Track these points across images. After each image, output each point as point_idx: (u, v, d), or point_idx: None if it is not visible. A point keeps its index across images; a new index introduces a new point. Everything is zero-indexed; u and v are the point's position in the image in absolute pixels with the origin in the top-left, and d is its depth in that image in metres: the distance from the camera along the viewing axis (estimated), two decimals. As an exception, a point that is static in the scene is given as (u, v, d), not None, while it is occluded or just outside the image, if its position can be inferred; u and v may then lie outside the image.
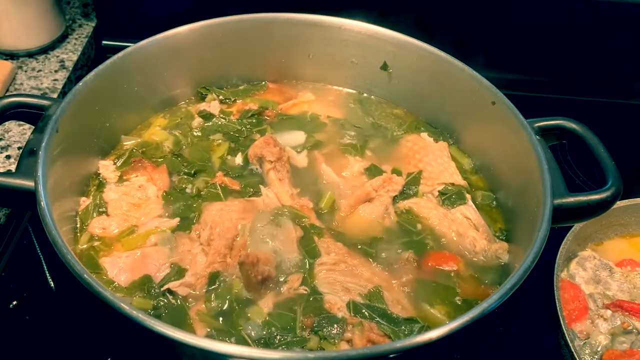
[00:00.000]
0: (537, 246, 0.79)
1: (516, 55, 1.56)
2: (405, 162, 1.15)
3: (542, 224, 0.83)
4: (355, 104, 1.27)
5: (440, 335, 0.69)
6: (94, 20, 1.72)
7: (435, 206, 1.06)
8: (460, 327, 0.70)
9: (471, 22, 1.50)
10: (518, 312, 1.24)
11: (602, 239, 1.37)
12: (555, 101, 1.61)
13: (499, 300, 0.73)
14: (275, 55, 1.25)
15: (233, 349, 0.72)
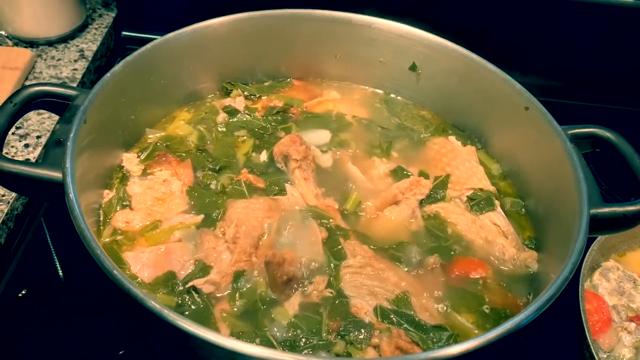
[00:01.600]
0: (575, 257, 0.78)
1: (550, 61, 1.54)
2: (432, 165, 1.13)
3: (580, 234, 0.81)
4: (382, 104, 1.26)
5: (477, 346, 0.68)
6: (115, 10, 1.71)
7: (463, 211, 1.05)
8: (496, 338, 0.69)
9: (506, 27, 1.48)
10: (540, 323, 1.23)
11: (625, 250, 1.35)
12: (587, 109, 1.60)
13: (536, 311, 0.72)
14: (302, 52, 1.24)
15: (258, 351, 0.71)
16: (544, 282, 0.88)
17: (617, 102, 1.60)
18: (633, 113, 1.62)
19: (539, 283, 0.93)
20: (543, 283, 0.88)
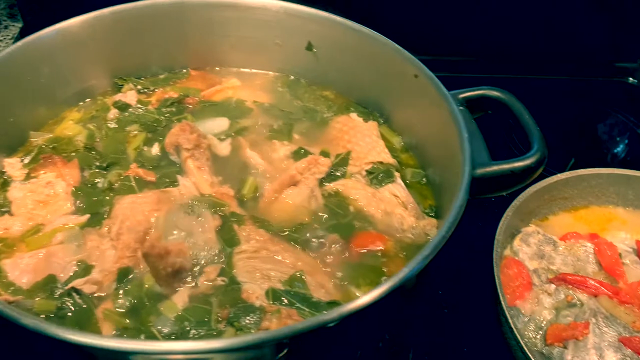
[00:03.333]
0: (452, 216, 0.76)
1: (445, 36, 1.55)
2: (335, 144, 1.12)
3: (460, 193, 0.80)
4: (284, 87, 1.24)
5: (344, 312, 0.65)
6: (20, 21, 1.66)
7: (364, 186, 1.03)
8: (360, 307, 0.66)
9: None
10: (463, 293, 1.22)
11: (546, 214, 1.36)
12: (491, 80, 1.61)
13: (410, 272, 0.69)
14: (195, 41, 1.21)
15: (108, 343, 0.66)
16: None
17: (515, 71, 1.62)
18: (535, 80, 1.64)
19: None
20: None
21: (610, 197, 1.37)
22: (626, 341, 1.04)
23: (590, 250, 1.23)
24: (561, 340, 1.07)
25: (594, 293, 1.14)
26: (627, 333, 1.06)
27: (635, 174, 1.34)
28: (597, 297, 1.13)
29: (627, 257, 1.23)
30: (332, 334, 0.71)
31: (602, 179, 1.35)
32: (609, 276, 1.18)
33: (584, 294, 1.14)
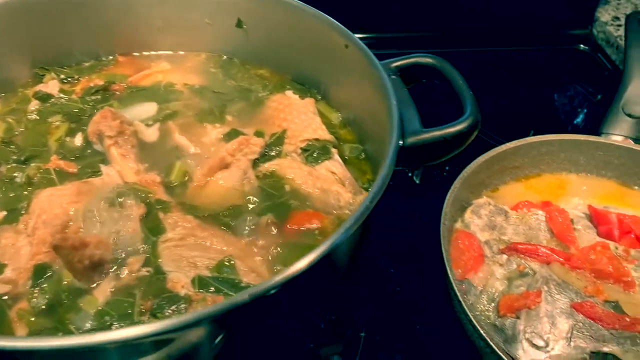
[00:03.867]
0: (377, 185, 0.72)
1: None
2: (270, 123, 1.07)
3: (386, 162, 0.76)
4: (216, 68, 1.19)
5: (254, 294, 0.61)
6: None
7: (300, 165, 0.99)
8: (276, 285, 0.62)
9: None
10: (416, 269, 1.19)
11: (497, 185, 1.33)
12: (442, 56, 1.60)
13: (332, 245, 0.65)
14: (119, 26, 1.16)
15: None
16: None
17: (467, 44, 1.59)
18: (487, 53, 1.62)
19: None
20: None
21: (561, 164, 1.35)
22: (578, 307, 1.02)
23: (542, 218, 1.21)
24: (514, 311, 1.05)
25: (546, 261, 1.12)
26: (579, 299, 1.04)
27: (585, 138, 1.32)
28: (549, 264, 1.11)
29: (580, 223, 1.21)
30: (264, 315, 0.67)
31: (552, 145, 1.33)
32: (561, 243, 1.16)
33: (536, 262, 1.12)
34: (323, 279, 0.78)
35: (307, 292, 0.74)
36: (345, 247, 0.78)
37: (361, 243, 0.86)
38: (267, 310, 0.70)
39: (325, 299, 0.87)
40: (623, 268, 1.10)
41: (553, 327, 1.00)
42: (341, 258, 0.78)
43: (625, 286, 1.08)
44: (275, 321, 0.78)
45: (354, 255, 0.86)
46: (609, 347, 0.97)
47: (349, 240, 0.78)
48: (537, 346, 0.99)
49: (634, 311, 1.03)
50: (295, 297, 0.71)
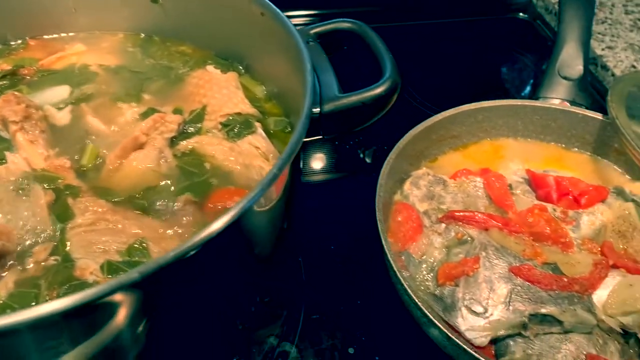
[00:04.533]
0: (285, 155, 0.68)
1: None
2: (190, 100, 1.02)
3: (296, 130, 0.72)
4: (134, 47, 1.13)
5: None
6: None
7: (221, 141, 0.95)
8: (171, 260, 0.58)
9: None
10: (356, 244, 1.17)
11: (436, 155, 1.31)
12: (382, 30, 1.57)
13: (231, 220, 0.61)
14: (28, 7, 1.08)
15: None
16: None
17: (406, 18, 1.57)
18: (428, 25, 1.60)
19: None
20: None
21: (500, 130, 1.34)
22: (516, 270, 1.01)
23: (480, 185, 1.20)
24: (452, 279, 1.03)
25: (484, 227, 1.10)
26: (517, 262, 1.02)
27: (522, 103, 1.32)
28: (487, 230, 1.09)
29: (519, 188, 1.20)
30: (179, 295, 0.63)
31: (489, 112, 1.31)
32: (499, 208, 1.15)
33: (474, 229, 1.10)
34: (237, 255, 0.74)
35: (220, 268, 0.70)
36: (262, 221, 0.75)
37: (287, 218, 0.83)
38: (179, 290, 0.66)
39: (248, 277, 0.83)
40: (561, 229, 1.09)
41: (491, 293, 0.99)
42: (259, 232, 0.74)
43: (563, 247, 1.07)
44: (193, 301, 0.74)
45: (279, 231, 0.82)
46: (547, 308, 0.96)
47: (266, 215, 0.75)
48: (475, 312, 0.97)
49: (572, 271, 1.03)
50: (205, 273, 0.67)
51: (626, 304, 0.98)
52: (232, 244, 0.69)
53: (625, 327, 0.96)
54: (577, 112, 1.30)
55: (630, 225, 1.10)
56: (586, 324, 0.96)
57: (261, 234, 0.78)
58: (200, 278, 0.70)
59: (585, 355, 0.93)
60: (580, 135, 1.31)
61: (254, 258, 0.81)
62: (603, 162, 1.32)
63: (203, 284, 0.72)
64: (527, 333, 0.96)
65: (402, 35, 1.74)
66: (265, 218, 0.75)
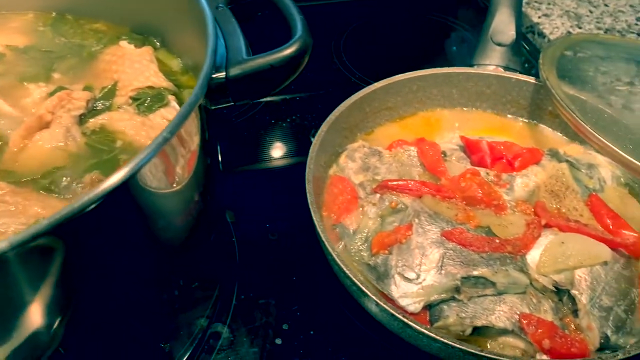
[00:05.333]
0: (176, 120, 0.64)
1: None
2: (102, 77, 0.98)
3: (193, 93, 0.69)
4: (46, 26, 1.07)
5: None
6: None
7: (132, 116, 0.90)
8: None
9: None
10: (292, 220, 1.14)
11: (372, 128, 1.29)
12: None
13: (106, 191, 0.57)
14: None
15: None
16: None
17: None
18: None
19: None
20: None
21: (435, 100, 1.33)
22: (448, 235, 0.99)
23: (414, 154, 1.18)
24: (386, 247, 1.01)
25: (418, 194, 1.08)
26: (450, 227, 1.01)
27: (455, 71, 1.30)
28: (421, 198, 1.08)
29: (454, 155, 1.19)
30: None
31: (422, 81, 1.30)
32: (433, 176, 1.13)
33: (408, 197, 1.08)
34: (141, 233, 0.70)
35: (124, 247, 0.66)
36: (171, 198, 0.71)
37: (205, 197, 0.79)
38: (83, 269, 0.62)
39: (165, 259, 0.79)
40: (494, 192, 1.08)
41: (424, 258, 0.97)
42: (167, 208, 0.71)
43: (496, 210, 1.06)
44: (101, 283, 0.70)
45: (197, 210, 0.79)
46: (479, 270, 0.95)
47: (174, 194, 0.71)
48: (408, 279, 0.95)
49: (505, 233, 1.01)
50: (106, 252, 0.63)
51: (558, 261, 0.97)
52: (130, 220, 0.65)
53: (558, 284, 0.96)
54: (510, 77, 1.29)
55: (563, 185, 1.10)
56: (519, 284, 0.95)
57: (170, 210, 0.74)
58: (102, 258, 0.66)
59: (519, 315, 0.92)
60: (515, 101, 1.31)
61: (169, 238, 0.77)
62: (539, 127, 1.31)
63: (107, 266, 0.68)
64: (460, 297, 0.94)
65: (340, 11, 1.71)
66: (173, 197, 0.71)
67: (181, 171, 0.75)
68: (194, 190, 0.79)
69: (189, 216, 0.82)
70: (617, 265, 0.99)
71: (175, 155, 0.69)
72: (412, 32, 1.70)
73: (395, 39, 1.67)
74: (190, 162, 0.78)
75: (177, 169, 0.72)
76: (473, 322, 0.91)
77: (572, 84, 1.20)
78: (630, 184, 1.16)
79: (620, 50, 1.35)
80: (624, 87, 1.26)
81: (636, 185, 1.16)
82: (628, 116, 1.17)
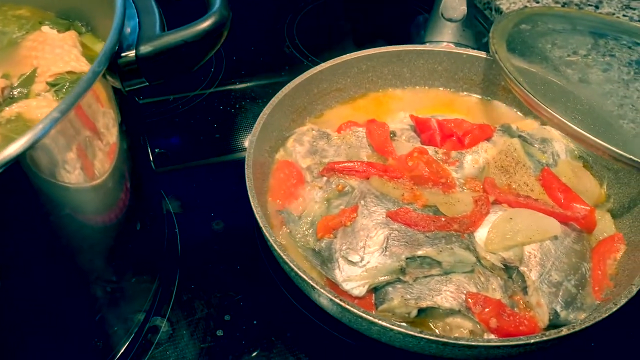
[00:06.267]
0: (65, 100, 0.60)
1: None
2: (23, 64, 0.92)
3: (90, 70, 0.64)
4: (-36, 15, 1.02)
5: None
6: None
7: (51, 103, 0.85)
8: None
9: None
10: (236, 208, 1.09)
11: (322, 110, 1.25)
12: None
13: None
14: None
15: None
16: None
17: None
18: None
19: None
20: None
21: (387, 80, 1.29)
22: (393, 215, 0.96)
23: (363, 135, 1.14)
24: (331, 231, 0.97)
25: (365, 176, 1.05)
26: (396, 208, 0.97)
27: (404, 48, 1.26)
28: (368, 179, 1.04)
29: (404, 134, 1.15)
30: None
31: (372, 61, 1.26)
32: (382, 156, 1.10)
33: (355, 179, 1.05)
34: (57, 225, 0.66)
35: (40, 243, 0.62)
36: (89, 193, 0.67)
37: (133, 187, 0.75)
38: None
39: (89, 255, 0.75)
40: (442, 170, 1.05)
41: (368, 240, 0.93)
42: (69, 196, 0.66)
43: (444, 188, 1.03)
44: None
45: (125, 203, 0.75)
46: (424, 249, 0.91)
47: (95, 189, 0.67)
48: (352, 262, 0.92)
49: (452, 211, 0.98)
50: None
51: (506, 238, 0.94)
52: (33, 211, 0.60)
53: (507, 262, 0.92)
54: (461, 52, 1.26)
55: (513, 160, 1.07)
56: (465, 262, 0.91)
57: (82, 200, 0.69)
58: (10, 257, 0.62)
59: (465, 294, 0.88)
60: (468, 77, 1.27)
61: (88, 234, 0.73)
62: (494, 103, 1.28)
63: (18, 266, 0.64)
64: (406, 278, 0.90)
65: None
66: (90, 187, 0.67)
67: (97, 162, 0.71)
68: (114, 181, 0.75)
69: (110, 209, 0.77)
70: (568, 239, 0.96)
71: (78, 139, 0.65)
72: (369, 13, 1.65)
73: (350, 20, 1.63)
74: (107, 151, 0.74)
75: (87, 155, 0.67)
76: (418, 303, 0.88)
77: (525, 58, 1.17)
78: (585, 157, 1.13)
79: (578, 22, 1.32)
80: (581, 60, 1.23)
81: (590, 158, 1.13)
82: (584, 89, 1.14)
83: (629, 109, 1.10)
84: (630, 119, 1.09)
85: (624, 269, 0.94)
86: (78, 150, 0.69)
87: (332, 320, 0.87)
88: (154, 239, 0.98)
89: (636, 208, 1.00)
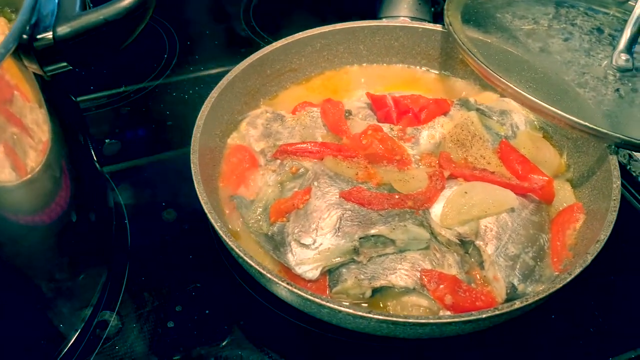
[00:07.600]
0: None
1: None
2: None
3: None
4: None
5: None
6: None
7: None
8: None
9: None
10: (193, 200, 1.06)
11: (276, 92, 1.22)
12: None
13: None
14: None
15: None
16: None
17: None
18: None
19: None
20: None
21: (343, 58, 1.26)
22: (346, 195, 0.93)
23: (317, 115, 1.11)
24: (283, 215, 0.95)
25: (319, 156, 1.02)
26: (350, 187, 0.94)
27: (359, 25, 1.23)
28: (322, 160, 1.01)
29: (360, 113, 1.12)
30: None
31: (326, 38, 1.22)
32: (337, 136, 1.07)
33: (309, 160, 1.02)
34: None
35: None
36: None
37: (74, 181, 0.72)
38: None
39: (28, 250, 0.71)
40: (397, 147, 1.02)
41: (321, 222, 0.91)
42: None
43: (399, 165, 1.00)
44: None
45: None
46: (377, 228, 0.89)
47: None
48: (305, 245, 0.89)
49: (406, 188, 0.95)
50: None
51: (461, 212, 0.91)
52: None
53: (462, 236, 0.90)
54: (417, 27, 1.22)
55: (470, 134, 1.04)
56: (419, 239, 0.89)
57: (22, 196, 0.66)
58: None
59: (420, 272, 0.86)
60: (425, 52, 1.24)
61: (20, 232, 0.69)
62: (452, 77, 1.25)
63: None
64: (359, 258, 0.88)
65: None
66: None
67: (27, 158, 0.67)
68: (47, 177, 0.71)
69: (47, 206, 0.74)
70: (526, 211, 0.94)
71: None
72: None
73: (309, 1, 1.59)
74: (39, 148, 0.70)
75: (16, 151, 0.64)
76: (372, 283, 0.85)
77: (481, 29, 1.15)
78: (545, 128, 1.11)
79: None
80: (541, 30, 1.21)
81: (550, 129, 1.11)
82: (545, 58, 1.11)
83: (590, 78, 1.08)
84: (591, 87, 1.07)
85: (583, 239, 0.92)
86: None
87: (287, 307, 0.84)
88: (100, 232, 0.95)
89: (595, 176, 0.98)
